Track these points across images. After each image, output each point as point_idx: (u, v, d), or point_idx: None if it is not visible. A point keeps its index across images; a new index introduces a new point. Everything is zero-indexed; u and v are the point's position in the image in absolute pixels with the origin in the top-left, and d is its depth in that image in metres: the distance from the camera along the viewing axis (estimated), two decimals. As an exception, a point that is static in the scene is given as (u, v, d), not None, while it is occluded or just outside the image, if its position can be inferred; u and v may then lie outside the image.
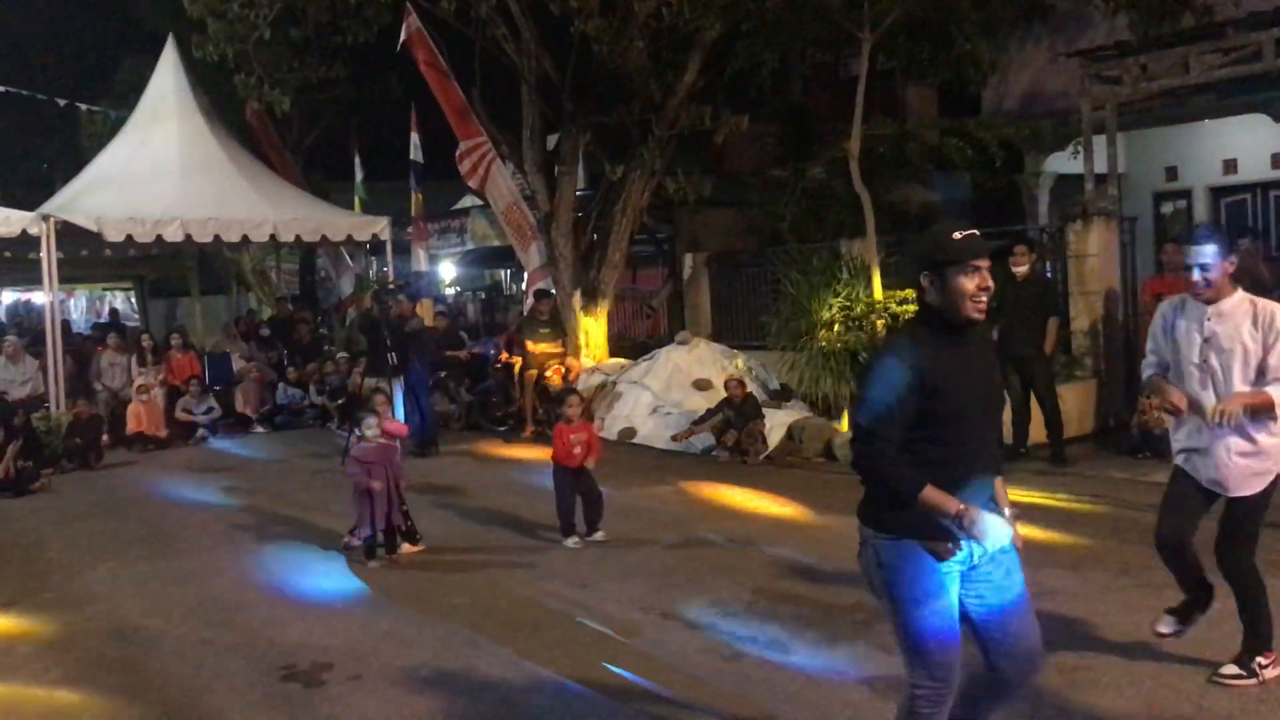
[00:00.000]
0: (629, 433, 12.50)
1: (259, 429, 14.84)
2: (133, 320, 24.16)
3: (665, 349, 13.78)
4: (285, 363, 16.42)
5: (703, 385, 12.71)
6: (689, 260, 16.29)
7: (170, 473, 12.02)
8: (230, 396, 15.24)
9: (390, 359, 11.89)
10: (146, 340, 15.62)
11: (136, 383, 14.18)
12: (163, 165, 15.12)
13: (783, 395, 12.44)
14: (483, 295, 26.10)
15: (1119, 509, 8.22)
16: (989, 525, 3.30)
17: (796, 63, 18.33)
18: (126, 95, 18.86)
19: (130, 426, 13.61)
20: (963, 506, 3.30)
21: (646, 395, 12.90)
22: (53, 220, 13.46)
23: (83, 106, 21.20)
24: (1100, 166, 11.49)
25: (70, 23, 25.33)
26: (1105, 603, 6.00)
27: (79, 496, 10.87)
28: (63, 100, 20.72)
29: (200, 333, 19.21)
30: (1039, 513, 8.22)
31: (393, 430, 8.12)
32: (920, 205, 15.72)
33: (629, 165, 14.48)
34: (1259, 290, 10.48)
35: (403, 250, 18.50)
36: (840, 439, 10.98)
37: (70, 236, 13.99)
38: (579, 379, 13.82)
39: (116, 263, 19.56)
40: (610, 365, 14.44)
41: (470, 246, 23.50)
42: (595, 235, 15.22)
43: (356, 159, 21.77)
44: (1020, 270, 10.11)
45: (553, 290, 14.78)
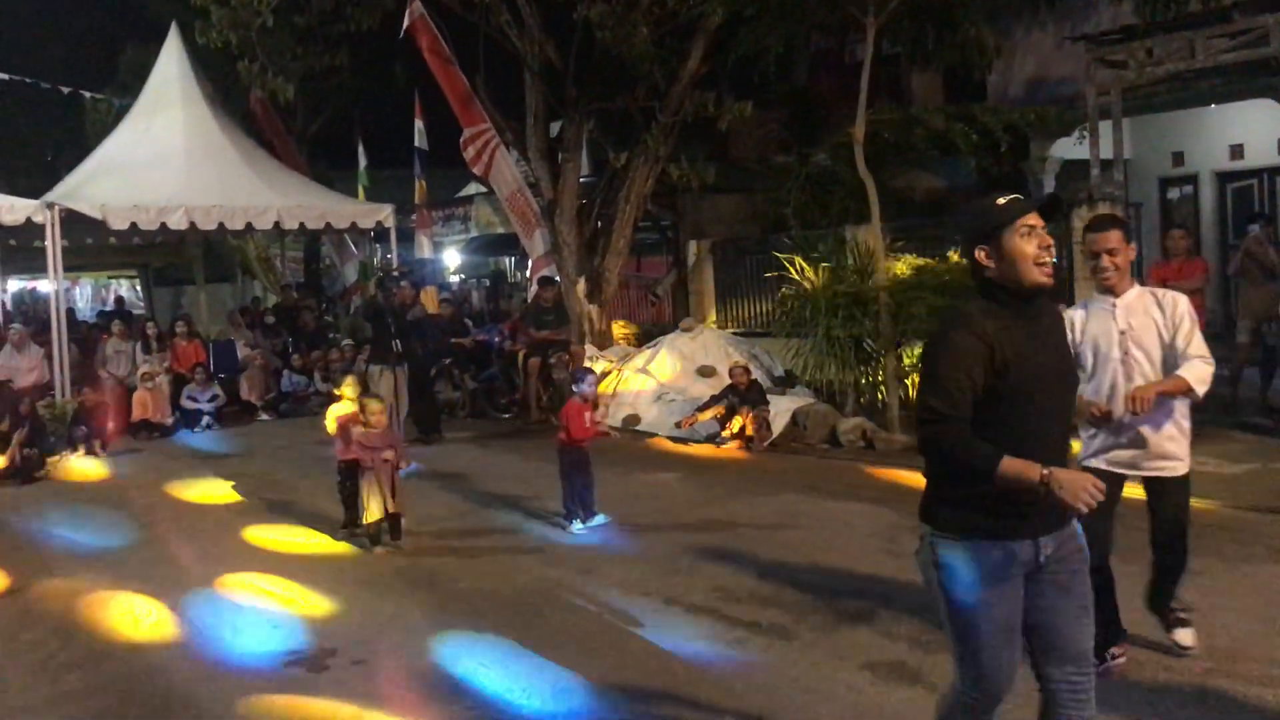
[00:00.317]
0: (633, 419, 12.50)
1: (264, 416, 14.87)
2: (138, 308, 24.20)
3: (669, 336, 13.78)
4: (290, 350, 16.44)
5: (707, 372, 12.70)
6: (693, 247, 16.26)
7: (175, 460, 12.05)
8: (235, 384, 15.26)
9: (394, 346, 11.89)
10: (151, 328, 15.64)
11: (141, 370, 14.21)
12: (167, 153, 15.12)
13: (787, 382, 12.43)
14: (487, 283, 26.08)
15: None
16: (1078, 486, 2.96)
17: (801, 48, 18.24)
18: (130, 83, 18.86)
19: (135, 414, 13.64)
20: (1047, 470, 2.97)
21: (651, 382, 12.90)
22: (57, 208, 13.48)
23: (87, 94, 21.22)
24: (1106, 152, 11.44)
25: (74, 10, 25.30)
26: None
27: (84, 483, 10.89)
28: (67, 88, 20.73)
29: (205, 320, 19.22)
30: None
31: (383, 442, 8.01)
32: (925, 191, 15.68)
33: (633, 152, 14.46)
34: (1269, 277, 10.52)
35: (407, 238, 18.49)
36: (845, 425, 10.98)
37: (75, 224, 14.01)
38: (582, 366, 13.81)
39: (121, 250, 19.60)
40: (614, 352, 14.44)
41: (474, 234, 23.50)
42: (599, 222, 15.20)
43: (360, 146, 21.73)
44: None
45: (557, 278, 14.77)
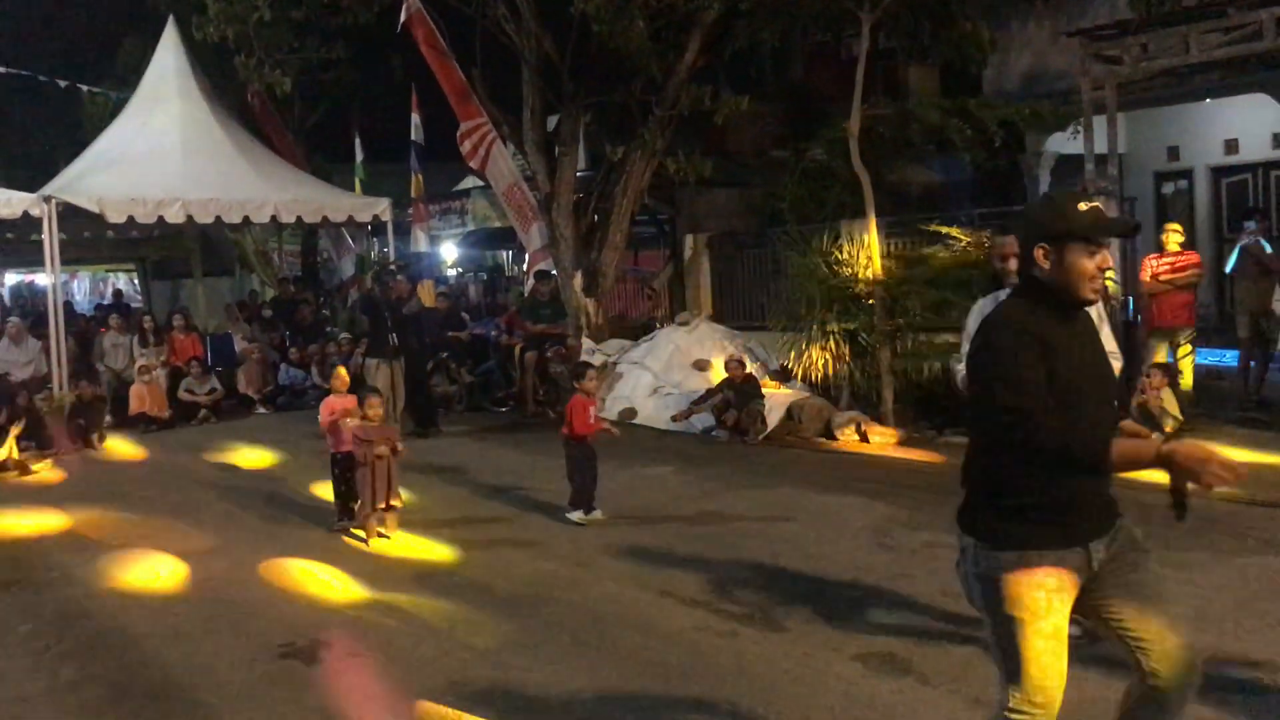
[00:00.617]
0: (629, 413, 12.53)
1: (261, 410, 14.89)
2: (136, 301, 24.21)
3: (666, 329, 13.81)
4: (287, 344, 16.45)
5: (703, 366, 12.73)
6: (690, 241, 16.28)
7: (172, 454, 12.08)
8: (232, 377, 15.28)
9: (391, 340, 11.93)
10: (148, 321, 15.65)
11: (138, 364, 14.23)
12: (164, 146, 15.15)
13: (782, 376, 12.47)
14: (484, 276, 26.11)
15: (1119, 488, 8.22)
16: (1200, 458, 2.75)
17: (797, 42, 18.26)
18: (128, 76, 18.87)
19: (132, 407, 13.67)
20: (1166, 447, 2.80)
21: (647, 376, 12.93)
22: (54, 201, 13.50)
23: (84, 88, 21.20)
24: (1100, 146, 11.46)
25: (71, 4, 25.28)
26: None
27: (81, 477, 10.93)
28: (64, 81, 20.70)
29: (203, 314, 19.23)
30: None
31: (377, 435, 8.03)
32: (921, 186, 15.71)
33: (629, 146, 14.47)
34: (1266, 274, 10.57)
35: (404, 231, 18.53)
36: (839, 419, 11.01)
37: (72, 218, 14.04)
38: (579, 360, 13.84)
39: (119, 244, 19.57)
40: (611, 346, 14.46)
41: (471, 228, 23.54)
42: (596, 216, 15.22)
43: (357, 140, 21.77)
44: None
45: (553, 272, 14.79)
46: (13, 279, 28.54)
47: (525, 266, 17.07)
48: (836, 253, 11.80)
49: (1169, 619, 3.13)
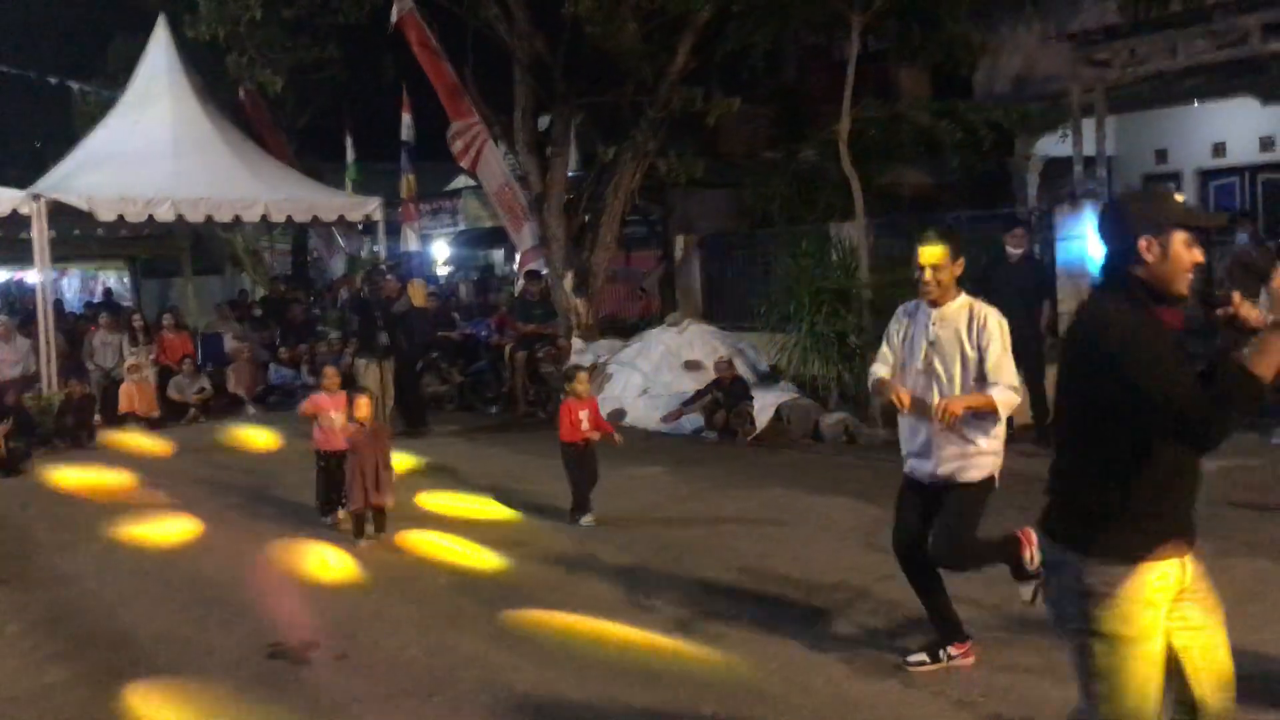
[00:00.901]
0: (619, 414, 12.53)
1: (251, 409, 14.87)
2: (126, 300, 24.15)
3: (655, 330, 13.83)
4: (278, 343, 16.45)
5: (693, 366, 12.75)
6: (680, 242, 16.32)
7: (161, 452, 12.04)
8: (222, 376, 15.26)
9: (381, 339, 11.94)
10: (138, 320, 15.63)
11: (128, 362, 14.21)
12: (155, 145, 15.09)
13: (771, 377, 12.50)
14: (475, 276, 26.09)
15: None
16: None
17: (789, 44, 18.30)
18: (118, 75, 18.80)
19: (122, 406, 13.64)
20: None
21: (637, 376, 12.95)
22: (44, 199, 13.45)
23: (75, 85, 21.13)
24: (1089, 149, 11.53)
25: (62, 1, 25.20)
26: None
27: (69, 476, 10.90)
28: (55, 79, 20.66)
29: (193, 312, 19.19)
30: (1022, 494, 8.30)
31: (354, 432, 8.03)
32: (912, 188, 15.75)
33: (621, 146, 14.50)
34: (1256, 279, 10.63)
35: (395, 231, 18.52)
36: (828, 420, 11.05)
37: (62, 216, 14.00)
38: (569, 360, 13.85)
39: (109, 242, 19.53)
40: (601, 346, 14.48)
41: (463, 227, 23.53)
42: (587, 216, 15.24)
43: (349, 139, 21.73)
44: (1016, 251, 10.23)
45: (544, 272, 14.80)
46: (2, 277, 28.41)
47: (516, 266, 17.07)
48: (826, 254, 11.84)
49: (1224, 649, 3.01)
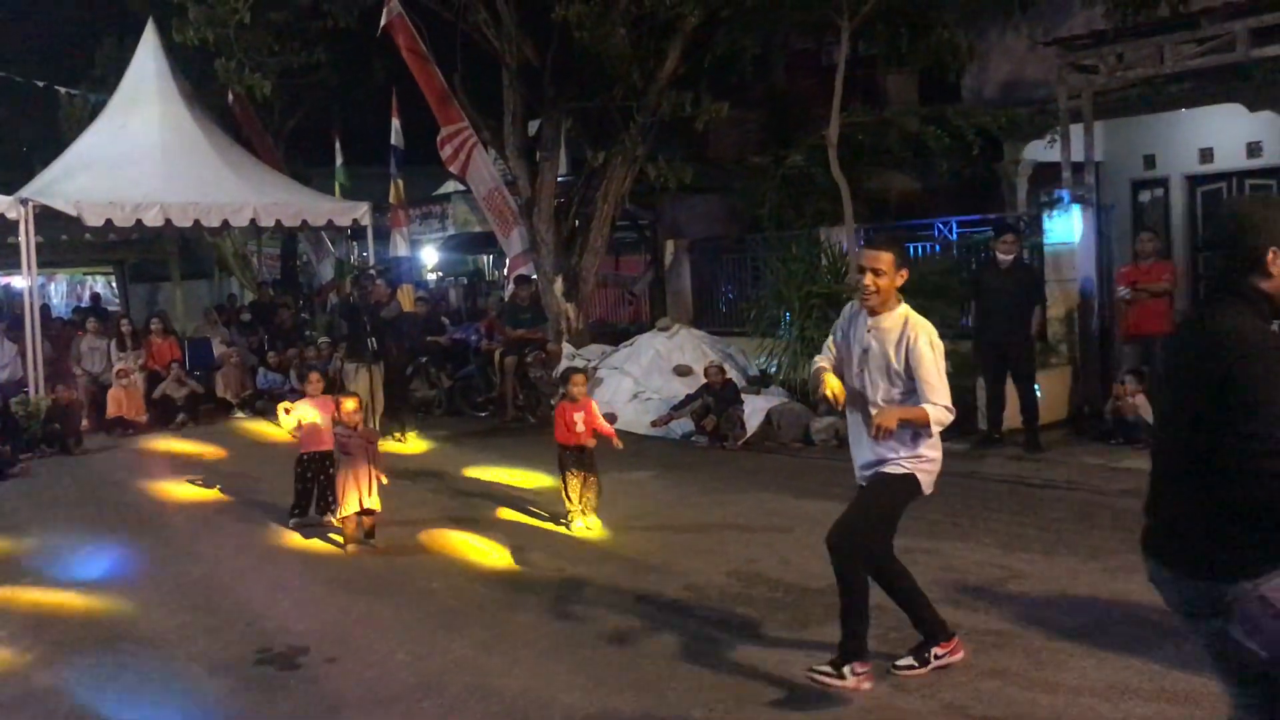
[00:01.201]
0: (610, 418, 12.42)
1: (239, 414, 14.83)
2: (114, 305, 24.06)
3: (646, 335, 13.83)
4: (266, 347, 16.40)
5: (683, 371, 12.76)
6: (670, 247, 16.33)
7: (149, 457, 12.01)
8: (211, 381, 15.21)
9: (369, 344, 11.91)
10: (126, 325, 15.56)
11: (116, 367, 14.16)
12: (143, 149, 15.04)
13: (761, 382, 12.51)
14: (465, 281, 26.06)
15: (1091, 494, 8.30)
16: None
17: (778, 49, 18.34)
18: (106, 78, 18.76)
19: (110, 411, 13.60)
20: None
21: (627, 381, 12.95)
22: (31, 204, 13.39)
23: (62, 89, 21.06)
24: (1077, 155, 11.56)
25: (50, 5, 25.13)
26: (1075, 586, 6.09)
27: (58, 481, 10.87)
28: (42, 82, 20.58)
29: (181, 317, 19.14)
30: (1012, 498, 8.35)
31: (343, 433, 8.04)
32: (900, 193, 15.78)
33: (611, 151, 14.50)
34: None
35: (384, 235, 18.47)
36: (818, 424, 11.04)
37: (50, 220, 13.93)
38: (560, 365, 13.85)
39: (97, 247, 19.47)
40: (591, 351, 14.48)
41: (452, 232, 23.47)
42: (577, 221, 15.24)
43: (338, 144, 21.68)
44: (1006, 257, 10.26)
45: (533, 276, 14.79)
46: (-11, 281, 28.30)
47: (505, 271, 17.05)
48: (815, 259, 11.85)
49: None
